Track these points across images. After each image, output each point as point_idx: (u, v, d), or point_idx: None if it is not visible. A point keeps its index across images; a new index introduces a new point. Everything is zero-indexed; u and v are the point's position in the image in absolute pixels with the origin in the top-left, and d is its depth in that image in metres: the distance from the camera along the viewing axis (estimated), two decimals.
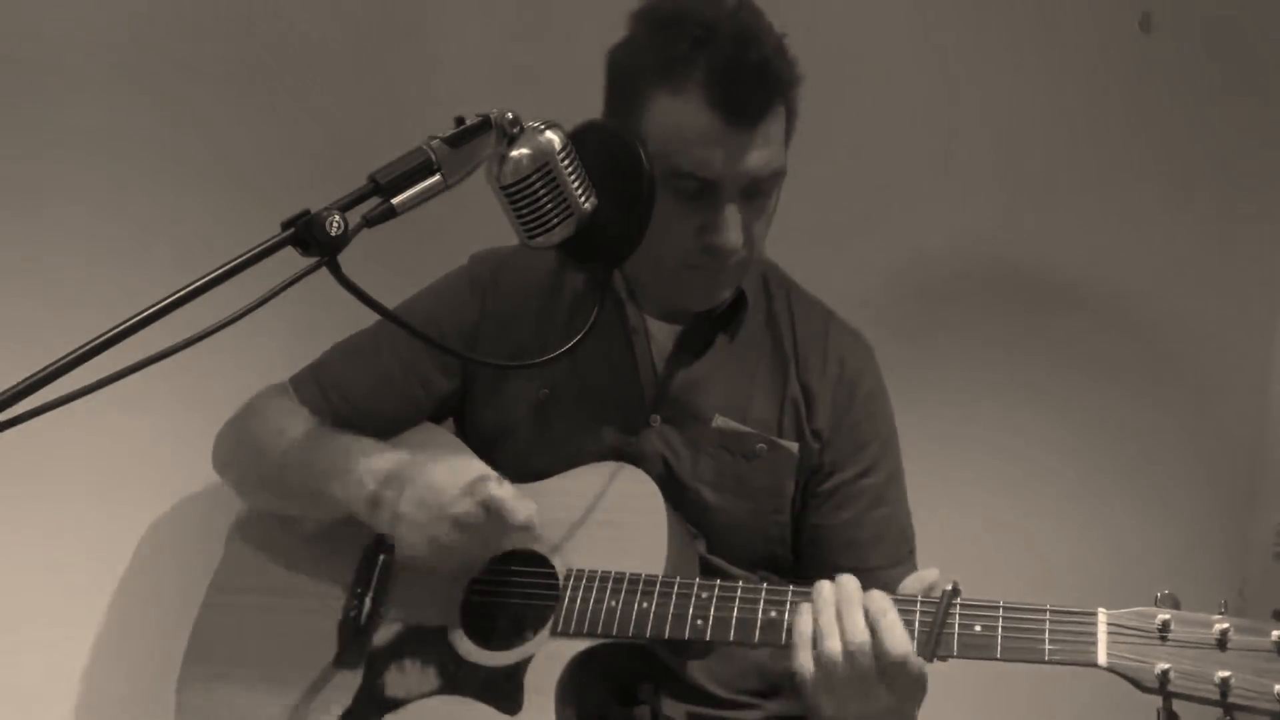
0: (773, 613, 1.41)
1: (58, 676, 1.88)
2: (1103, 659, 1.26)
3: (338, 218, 1.19)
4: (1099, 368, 2.25)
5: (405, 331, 1.41)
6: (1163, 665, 1.23)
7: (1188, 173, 2.24)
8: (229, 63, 1.98)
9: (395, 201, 1.25)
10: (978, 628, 1.31)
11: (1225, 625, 1.23)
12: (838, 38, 2.13)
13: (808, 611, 1.35)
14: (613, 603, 1.46)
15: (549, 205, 1.41)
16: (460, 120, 1.34)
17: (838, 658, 1.31)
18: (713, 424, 1.63)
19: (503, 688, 1.48)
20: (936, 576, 1.36)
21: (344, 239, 1.19)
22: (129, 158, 1.92)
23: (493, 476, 1.52)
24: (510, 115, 1.37)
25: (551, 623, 1.49)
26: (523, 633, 1.53)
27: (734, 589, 1.44)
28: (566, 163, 1.41)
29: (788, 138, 1.56)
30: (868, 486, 1.66)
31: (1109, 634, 1.27)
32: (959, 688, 1.48)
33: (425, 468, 1.54)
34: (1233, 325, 2.25)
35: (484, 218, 1.51)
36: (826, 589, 1.36)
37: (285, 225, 1.19)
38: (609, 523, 1.55)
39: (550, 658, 1.47)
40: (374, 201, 1.25)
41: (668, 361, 1.66)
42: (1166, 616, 1.26)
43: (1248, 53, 2.21)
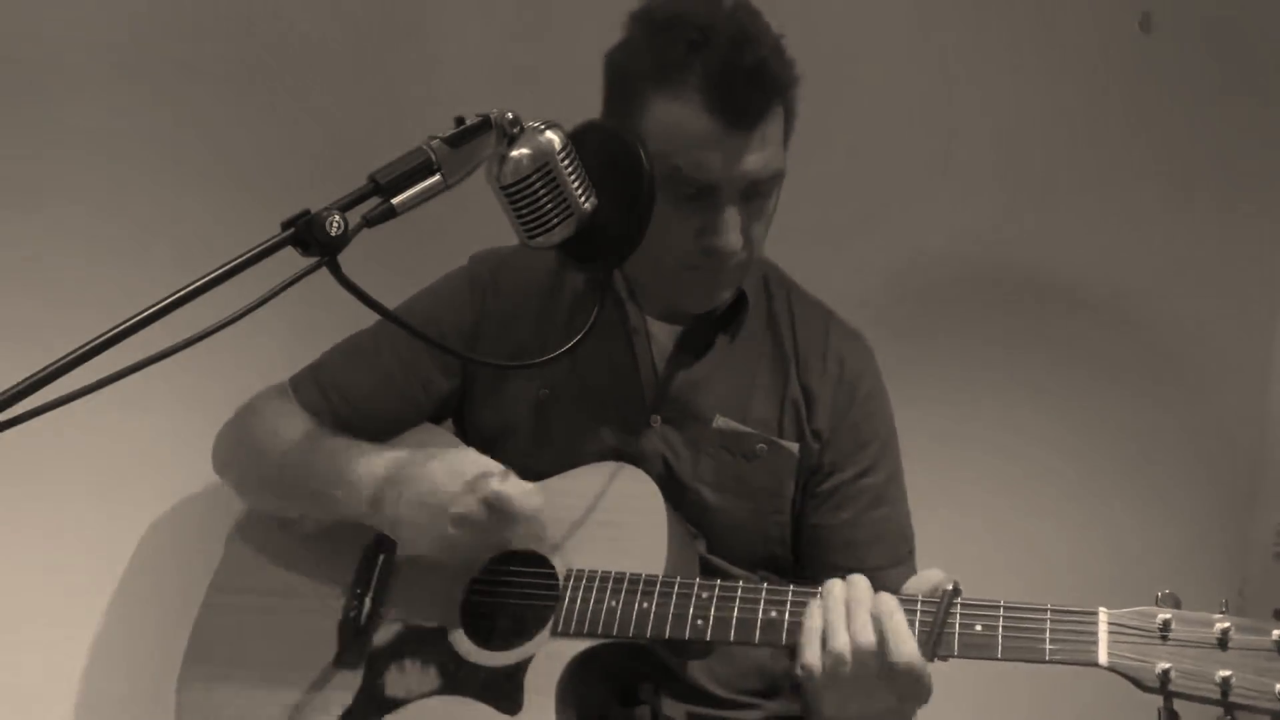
0: (773, 613, 1.41)
1: (58, 676, 1.88)
2: (1103, 658, 1.26)
3: (338, 218, 1.19)
4: (1099, 367, 2.25)
5: (405, 332, 1.41)
6: (1163, 665, 1.23)
7: (1188, 173, 2.23)
8: (229, 63, 1.98)
9: (395, 201, 1.25)
10: (978, 627, 1.31)
11: (1226, 625, 1.23)
12: (836, 37, 2.13)
13: (818, 608, 1.35)
14: (613, 603, 1.46)
15: (549, 205, 1.41)
16: (460, 120, 1.34)
17: (846, 655, 1.31)
18: (713, 424, 1.63)
19: (503, 688, 1.48)
20: (941, 578, 1.35)
21: (344, 239, 1.19)
22: (129, 158, 1.92)
23: (495, 472, 1.52)
24: (510, 115, 1.37)
25: (551, 623, 1.49)
26: (523, 633, 1.52)
27: (734, 589, 1.44)
28: (566, 163, 1.41)
29: (786, 138, 1.56)
30: (867, 486, 1.66)
31: (1110, 633, 1.26)
32: (959, 688, 1.48)
33: (425, 466, 1.54)
34: (1233, 325, 2.25)
35: (484, 218, 1.51)
36: (837, 587, 1.36)
37: (285, 225, 1.19)
38: (609, 523, 1.55)
39: (550, 658, 1.47)
40: (374, 201, 1.25)
41: (668, 362, 1.66)
42: (1167, 616, 1.25)
43: (1248, 53, 2.21)
